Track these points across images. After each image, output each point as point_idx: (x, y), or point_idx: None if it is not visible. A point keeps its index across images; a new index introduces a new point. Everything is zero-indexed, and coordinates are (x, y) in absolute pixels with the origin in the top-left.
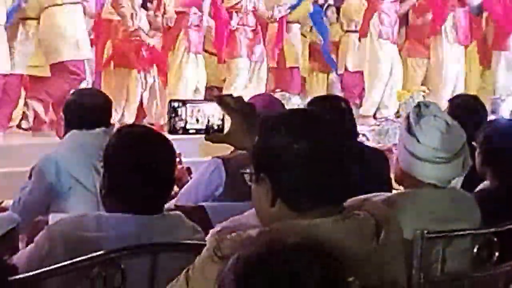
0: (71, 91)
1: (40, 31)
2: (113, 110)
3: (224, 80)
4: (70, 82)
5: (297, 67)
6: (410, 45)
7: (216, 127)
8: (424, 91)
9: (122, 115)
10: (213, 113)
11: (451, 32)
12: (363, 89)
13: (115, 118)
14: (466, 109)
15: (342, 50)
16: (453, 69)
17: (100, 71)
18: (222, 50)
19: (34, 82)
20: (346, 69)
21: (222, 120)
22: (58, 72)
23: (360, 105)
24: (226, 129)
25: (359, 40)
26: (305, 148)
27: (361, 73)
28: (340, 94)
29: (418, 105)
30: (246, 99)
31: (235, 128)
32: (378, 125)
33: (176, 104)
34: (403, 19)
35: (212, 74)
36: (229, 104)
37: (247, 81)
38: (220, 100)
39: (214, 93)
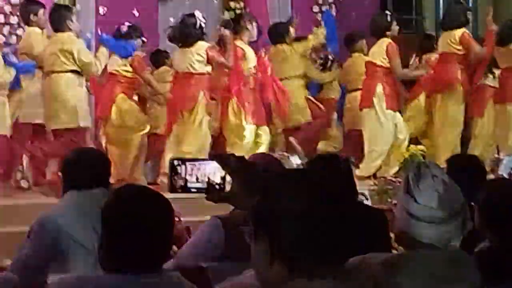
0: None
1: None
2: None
3: None
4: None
5: None
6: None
7: (216, 186)
8: (423, 151)
9: None
10: (213, 172)
11: None
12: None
13: None
14: (465, 170)
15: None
16: None
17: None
18: None
19: (34, 139)
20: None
21: (223, 179)
22: (57, 136)
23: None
24: (227, 188)
25: (360, 110)
26: (304, 209)
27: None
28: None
29: (418, 165)
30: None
31: (236, 187)
32: (378, 184)
33: (176, 163)
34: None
35: None
36: (230, 163)
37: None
38: (221, 159)
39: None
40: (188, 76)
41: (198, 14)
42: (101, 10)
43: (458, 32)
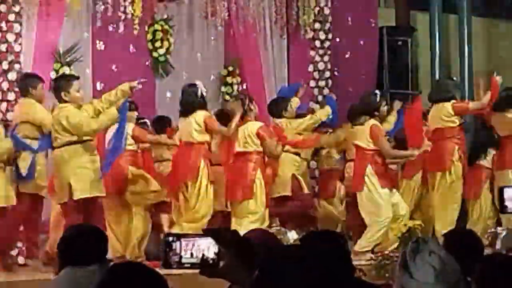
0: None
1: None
2: None
3: None
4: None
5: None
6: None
7: (211, 261)
8: (420, 225)
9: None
10: (208, 247)
11: None
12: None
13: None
14: (462, 244)
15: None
16: None
17: None
18: None
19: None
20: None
21: (218, 254)
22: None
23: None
24: (221, 264)
25: (354, 193)
26: (301, 285)
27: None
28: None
29: (417, 241)
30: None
31: (231, 262)
32: (375, 259)
33: (170, 239)
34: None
35: None
36: (225, 238)
37: None
38: (215, 234)
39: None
40: (189, 145)
41: (199, 83)
42: (99, 85)
43: (448, 105)
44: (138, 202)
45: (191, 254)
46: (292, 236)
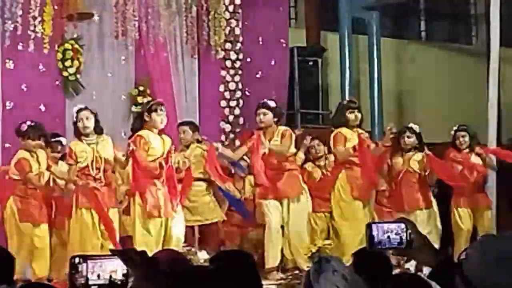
0: None
1: None
2: None
3: None
4: None
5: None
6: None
7: (119, 283)
8: (330, 245)
9: None
10: (116, 268)
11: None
12: None
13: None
14: (371, 263)
15: None
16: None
17: None
18: None
19: None
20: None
21: (126, 276)
22: None
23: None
24: (129, 285)
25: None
26: None
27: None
28: None
29: (319, 260)
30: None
31: (138, 285)
32: (285, 279)
33: (77, 260)
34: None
35: None
36: (132, 259)
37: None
38: (123, 255)
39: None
40: None
41: (74, 109)
42: (8, 104)
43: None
44: None
45: (98, 276)
46: (203, 255)
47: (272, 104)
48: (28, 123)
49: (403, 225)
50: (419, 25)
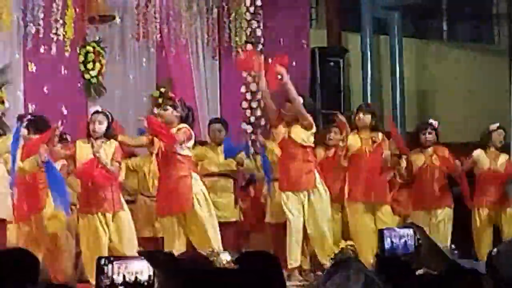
0: None
1: None
2: None
3: None
4: None
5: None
6: None
7: (145, 284)
8: (353, 245)
9: None
10: (141, 269)
11: None
12: None
13: None
14: (394, 264)
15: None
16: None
17: None
18: None
19: None
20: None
21: (152, 276)
22: None
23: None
24: (155, 286)
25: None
26: None
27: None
28: None
29: (337, 262)
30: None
31: (164, 286)
32: (307, 280)
33: (102, 262)
34: None
35: None
36: (158, 261)
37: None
38: (149, 256)
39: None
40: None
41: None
42: (31, 107)
43: None
44: None
45: (124, 277)
46: (225, 257)
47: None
48: (28, 116)
49: (412, 231)
50: (441, 24)
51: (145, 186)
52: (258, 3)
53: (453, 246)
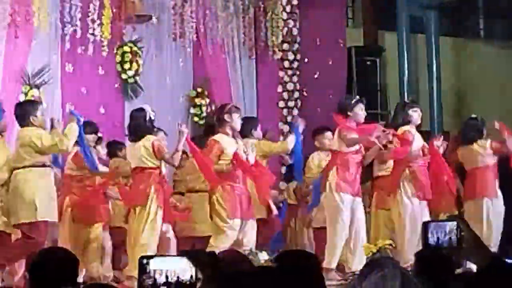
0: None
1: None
2: None
3: None
4: (27, 246)
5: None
6: (378, 197)
7: (187, 284)
8: (391, 245)
9: None
10: (184, 269)
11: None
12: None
13: None
14: (433, 264)
15: None
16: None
17: None
18: None
19: None
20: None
21: (194, 276)
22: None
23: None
24: (197, 286)
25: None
26: None
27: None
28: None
29: (372, 262)
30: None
31: (206, 285)
32: (346, 280)
33: (144, 261)
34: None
35: None
36: (201, 260)
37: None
38: (191, 256)
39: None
40: (139, 170)
41: (147, 107)
42: (68, 107)
43: (485, 143)
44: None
45: (166, 277)
46: (263, 257)
47: None
48: (83, 119)
49: (455, 224)
50: (478, 22)
51: None
52: (295, 2)
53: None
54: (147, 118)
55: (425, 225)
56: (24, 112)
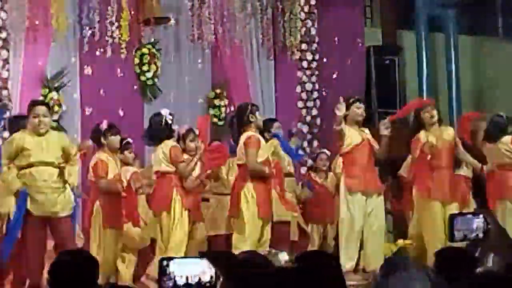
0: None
1: None
2: None
3: None
4: None
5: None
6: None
7: (207, 285)
8: (411, 244)
9: None
10: (203, 270)
11: None
12: None
13: None
14: (454, 263)
15: None
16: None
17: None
18: None
19: None
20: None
21: (214, 277)
22: None
23: None
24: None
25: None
26: None
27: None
28: None
29: (392, 262)
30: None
31: (226, 286)
32: (367, 279)
33: (165, 263)
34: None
35: None
36: (221, 261)
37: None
38: (211, 257)
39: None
40: (160, 175)
41: (164, 112)
42: (87, 110)
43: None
44: None
45: (187, 278)
46: (283, 257)
47: None
48: (106, 121)
49: (482, 217)
50: (496, 21)
51: None
52: (313, 2)
53: None
54: (164, 122)
55: (452, 219)
56: None
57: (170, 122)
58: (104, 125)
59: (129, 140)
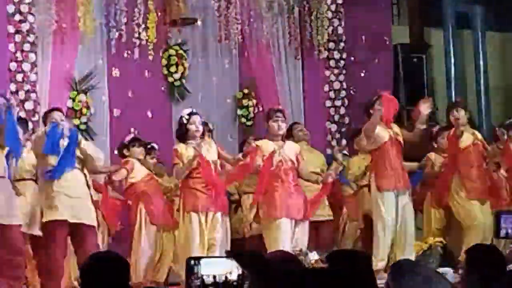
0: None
1: None
2: None
3: None
4: None
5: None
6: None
7: (234, 284)
8: (442, 242)
9: None
10: (231, 269)
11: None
12: None
13: None
14: (484, 261)
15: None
16: None
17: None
18: None
19: None
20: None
21: (241, 277)
22: None
23: None
24: (245, 286)
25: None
26: None
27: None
28: None
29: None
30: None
31: (254, 285)
32: None
33: (192, 262)
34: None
35: None
36: (247, 261)
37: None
38: (238, 257)
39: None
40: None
41: (184, 112)
42: (116, 112)
43: None
44: None
45: (214, 277)
46: (313, 256)
47: None
48: (130, 135)
49: None
50: None
51: None
52: (339, 1)
53: None
54: (180, 122)
55: (498, 216)
56: None
57: (185, 122)
58: (127, 138)
59: (154, 145)
